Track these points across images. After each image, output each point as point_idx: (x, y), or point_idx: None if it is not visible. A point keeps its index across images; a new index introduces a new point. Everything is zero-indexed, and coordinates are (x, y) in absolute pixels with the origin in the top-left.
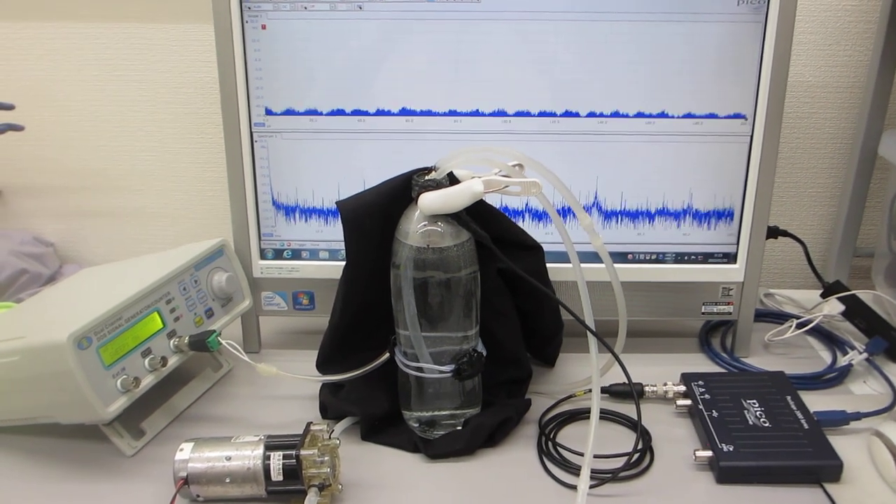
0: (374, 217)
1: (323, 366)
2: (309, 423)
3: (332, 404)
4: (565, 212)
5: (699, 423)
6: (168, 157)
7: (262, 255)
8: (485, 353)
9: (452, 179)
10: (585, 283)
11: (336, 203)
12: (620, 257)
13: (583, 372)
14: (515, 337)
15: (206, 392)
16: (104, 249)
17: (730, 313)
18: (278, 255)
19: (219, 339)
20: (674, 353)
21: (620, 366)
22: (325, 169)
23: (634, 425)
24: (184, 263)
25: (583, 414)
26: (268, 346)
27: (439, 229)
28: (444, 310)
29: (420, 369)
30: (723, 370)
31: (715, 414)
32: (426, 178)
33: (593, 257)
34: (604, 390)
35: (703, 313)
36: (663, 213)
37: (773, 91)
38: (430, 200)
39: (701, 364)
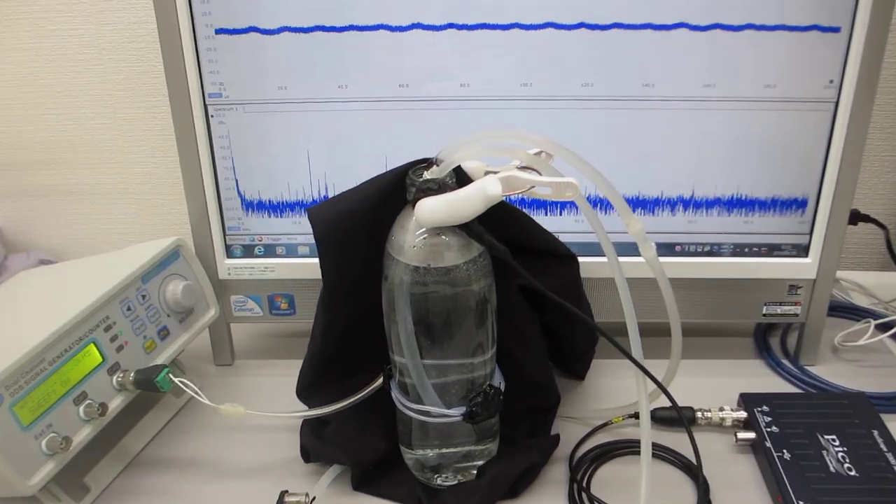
0: (356, 230)
1: (304, 393)
2: (282, 494)
3: (315, 448)
4: (601, 203)
5: (767, 466)
6: (123, 125)
7: (229, 253)
8: (503, 386)
9: (460, 176)
10: (631, 303)
11: (307, 212)
12: (667, 249)
13: (620, 388)
14: (540, 361)
15: (167, 425)
16: (59, 234)
17: (796, 315)
18: (248, 252)
19: (170, 376)
20: (725, 358)
21: (670, 400)
22: (298, 147)
23: (687, 466)
24: (126, 277)
25: (624, 448)
26: (243, 355)
27: (443, 243)
28: (450, 331)
29: (423, 412)
30: (787, 383)
31: (787, 456)
32: (425, 176)
33: (632, 248)
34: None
35: (764, 315)
36: (721, 196)
37: (868, 50)
38: (430, 209)
39: (759, 374)
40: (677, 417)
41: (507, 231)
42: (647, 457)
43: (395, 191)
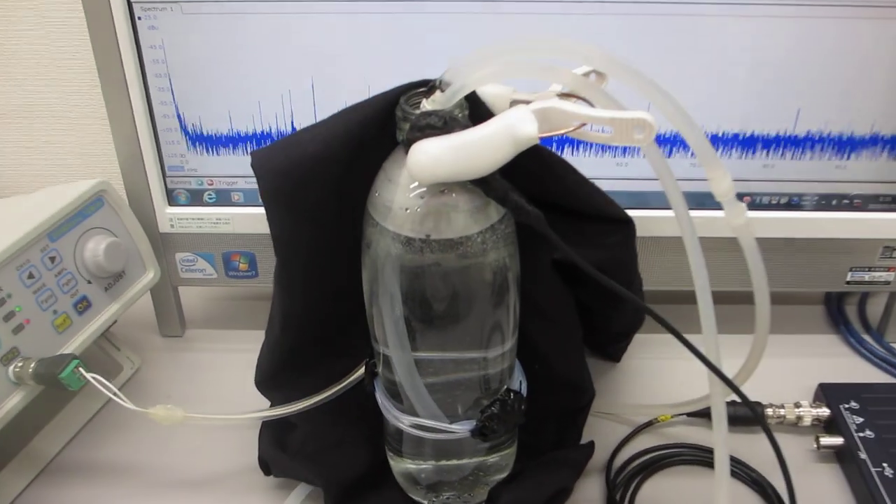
0: (320, 184)
1: (264, 386)
2: None
3: (277, 461)
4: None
5: (861, 483)
6: (53, 30)
7: (171, 200)
8: (525, 388)
9: (474, 107)
10: (707, 280)
11: (251, 157)
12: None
13: (665, 373)
14: (574, 354)
15: (90, 422)
16: None
17: (888, 283)
18: (196, 198)
19: (80, 370)
20: (793, 332)
21: (743, 400)
22: (257, 62)
23: (756, 482)
24: (26, 234)
25: (677, 457)
26: (196, 323)
27: (450, 205)
28: (455, 315)
29: (417, 426)
30: (872, 367)
31: (889, 473)
32: (424, 107)
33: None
34: (696, 413)
35: (848, 282)
36: (810, 132)
37: None
38: (432, 157)
39: (836, 353)
40: (745, 417)
41: (541, 187)
42: (725, 477)
43: (380, 129)
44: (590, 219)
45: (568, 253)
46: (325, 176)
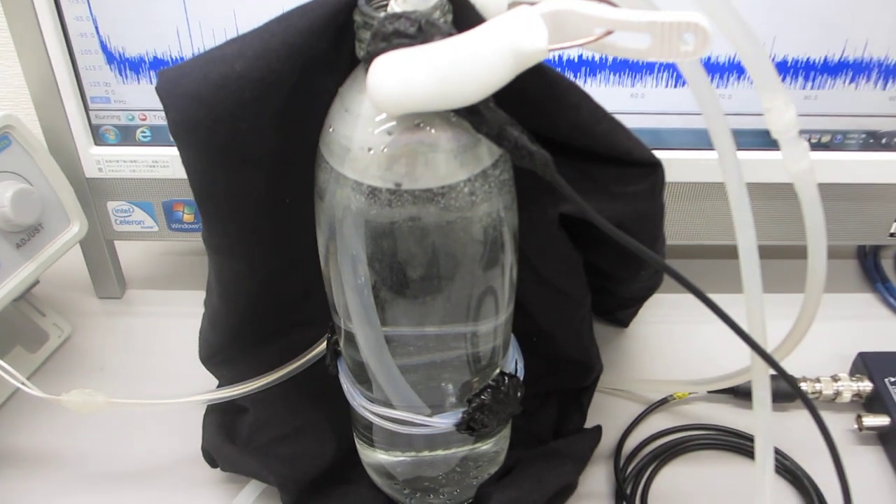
0: (253, 115)
1: (211, 361)
2: None
3: (225, 454)
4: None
5: None
6: None
7: (97, 139)
8: (521, 370)
9: (461, 9)
10: (754, 235)
11: (158, 77)
12: (760, 138)
13: (680, 339)
14: (579, 326)
15: (13, 396)
16: None
17: None
18: (127, 136)
19: None
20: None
21: (785, 378)
22: None
23: (789, 471)
24: None
25: (695, 442)
26: (137, 283)
27: (428, 144)
28: (435, 283)
29: (390, 419)
30: None
31: None
32: (392, 8)
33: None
34: (720, 390)
35: (892, 235)
36: (860, 56)
37: None
38: (401, 82)
39: (873, 314)
40: (783, 393)
41: (547, 120)
42: (769, 473)
43: (334, 40)
44: (608, 162)
45: (581, 206)
46: (260, 104)
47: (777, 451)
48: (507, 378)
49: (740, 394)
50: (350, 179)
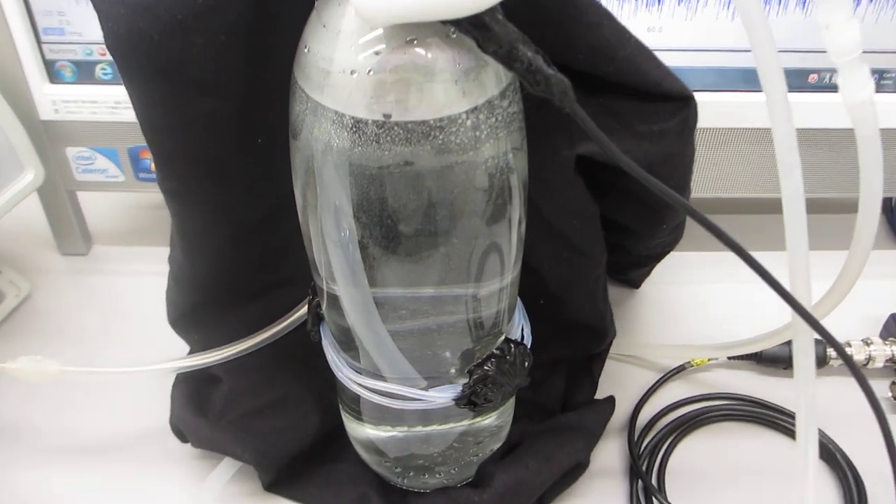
0: (210, 34)
1: (180, 324)
2: None
3: (196, 429)
4: None
5: None
6: None
7: (52, 76)
8: (529, 337)
9: None
10: (802, 200)
11: None
12: (796, 77)
13: (694, 299)
14: (593, 287)
15: None
16: None
17: None
18: (85, 73)
19: None
20: (842, 247)
21: (829, 340)
22: None
23: (828, 453)
24: None
25: (716, 413)
26: (104, 238)
27: (422, 65)
28: (432, 238)
29: (381, 392)
30: None
31: None
32: None
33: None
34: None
35: None
36: None
37: None
38: None
39: None
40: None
41: (564, 42)
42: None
43: None
44: (632, 95)
45: (605, 144)
46: (219, 13)
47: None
48: (512, 346)
49: (764, 360)
50: (330, 111)
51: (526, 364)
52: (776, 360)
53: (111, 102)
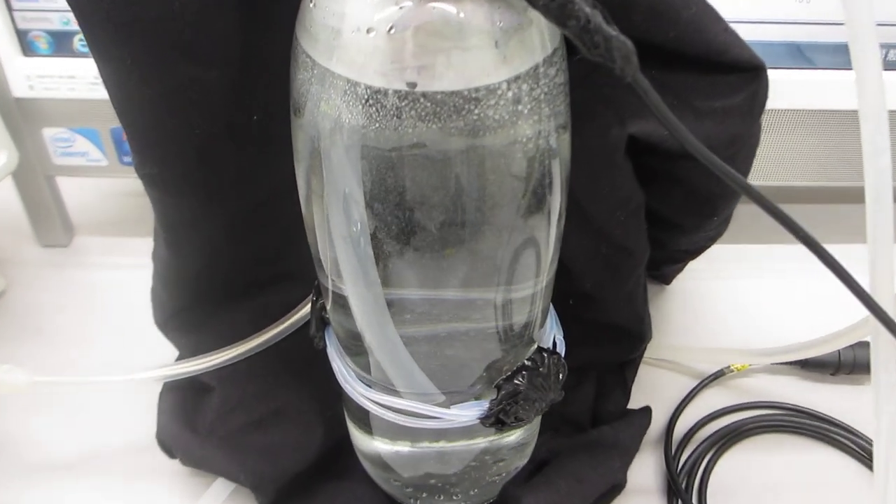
0: None
1: (168, 325)
2: None
3: (184, 444)
4: None
5: None
6: None
7: (26, 48)
8: (562, 345)
9: None
10: (890, 185)
11: None
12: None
13: (735, 304)
14: (632, 286)
15: None
16: None
17: None
18: (62, 45)
19: None
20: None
21: None
22: None
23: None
24: None
25: (762, 424)
26: (87, 228)
27: (456, 24)
28: (458, 233)
29: (394, 409)
30: None
31: None
32: None
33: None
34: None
35: None
36: None
37: None
38: None
39: None
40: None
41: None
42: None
43: None
44: (693, 65)
45: (672, 124)
46: None
47: (857, 435)
48: (545, 356)
49: (810, 365)
50: (341, 79)
51: (560, 377)
52: (823, 366)
53: (91, 77)
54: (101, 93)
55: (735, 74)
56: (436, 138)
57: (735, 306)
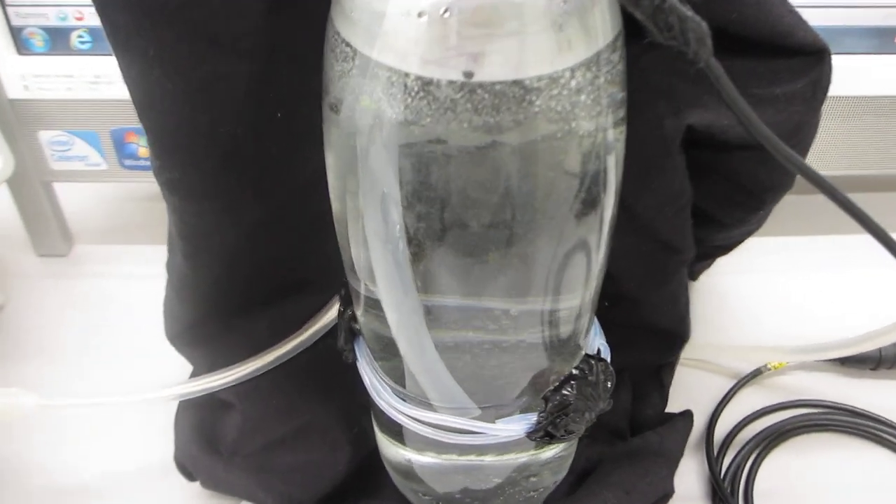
0: None
1: (181, 339)
2: None
3: (205, 466)
4: None
5: None
6: None
7: (21, 46)
8: (607, 355)
9: None
10: None
11: None
12: (877, 36)
13: (766, 300)
14: (676, 287)
15: None
16: None
17: None
18: (59, 42)
19: None
20: None
21: None
22: None
23: None
24: None
25: (806, 424)
26: (87, 237)
27: (517, 5)
28: (503, 238)
29: (430, 423)
30: None
31: None
32: None
33: None
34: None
35: None
36: None
37: None
38: None
39: None
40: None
41: None
42: None
43: None
44: (752, 49)
45: (745, 113)
46: None
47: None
48: (593, 363)
49: (850, 361)
50: (385, 69)
51: (609, 385)
52: (863, 361)
53: (90, 76)
54: (101, 92)
55: (796, 59)
56: (493, 133)
57: (763, 301)
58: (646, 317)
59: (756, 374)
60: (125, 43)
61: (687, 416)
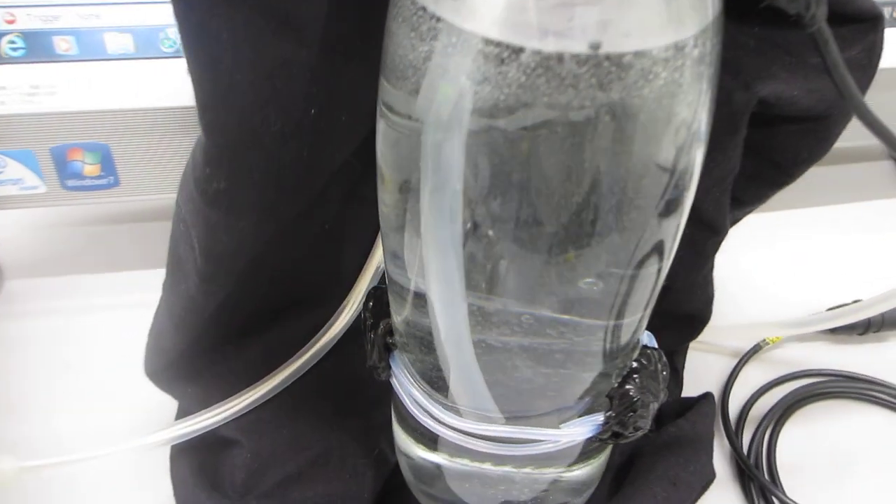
0: None
1: (163, 376)
2: None
3: None
4: None
5: None
6: None
7: None
8: (655, 345)
9: None
10: None
11: None
12: None
13: (754, 275)
14: (708, 273)
15: None
16: None
17: None
18: None
19: None
20: None
21: None
22: None
23: None
24: None
25: (813, 392)
26: (21, 271)
27: None
28: (580, 234)
29: (484, 436)
30: None
31: None
32: None
33: None
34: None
35: None
36: None
37: None
38: None
39: None
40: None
41: None
42: None
43: None
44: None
45: (844, 83)
46: None
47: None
48: (650, 353)
49: (841, 330)
50: (476, 40)
51: (665, 374)
52: (852, 328)
53: (26, 88)
54: (39, 105)
55: (849, 26)
56: (615, 112)
57: (757, 278)
58: (676, 301)
59: (755, 349)
60: (200, 30)
61: (709, 398)
